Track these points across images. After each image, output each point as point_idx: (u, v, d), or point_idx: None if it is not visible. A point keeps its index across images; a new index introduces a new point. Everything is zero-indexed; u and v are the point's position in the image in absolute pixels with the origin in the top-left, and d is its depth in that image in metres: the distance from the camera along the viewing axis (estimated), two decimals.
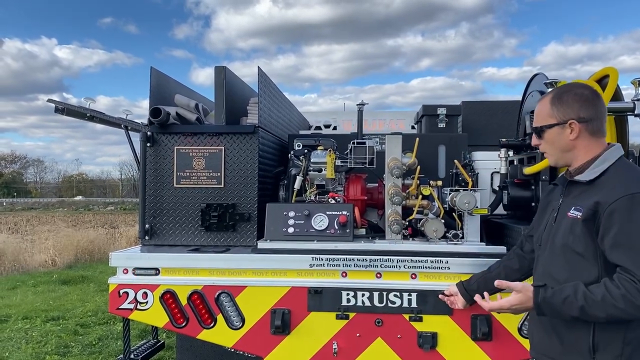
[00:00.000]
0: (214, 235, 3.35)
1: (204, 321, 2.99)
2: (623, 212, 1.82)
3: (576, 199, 1.98)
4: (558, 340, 2.00)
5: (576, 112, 1.93)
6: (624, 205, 1.81)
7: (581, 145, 1.96)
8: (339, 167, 3.32)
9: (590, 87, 2.02)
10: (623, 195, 1.82)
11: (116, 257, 3.10)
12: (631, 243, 1.80)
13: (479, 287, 2.54)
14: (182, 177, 3.37)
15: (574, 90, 1.99)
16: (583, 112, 1.93)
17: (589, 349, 1.88)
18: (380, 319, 2.90)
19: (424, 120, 4.79)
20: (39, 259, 11.85)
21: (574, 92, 1.98)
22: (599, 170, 1.94)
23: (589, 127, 1.94)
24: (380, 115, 6.18)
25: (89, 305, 7.58)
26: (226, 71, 3.56)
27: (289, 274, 2.97)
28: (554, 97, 2.00)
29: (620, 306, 1.77)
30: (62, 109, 3.45)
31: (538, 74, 3.35)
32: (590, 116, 1.94)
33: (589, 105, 1.94)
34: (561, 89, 2.03)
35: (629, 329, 1.84)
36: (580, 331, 1.92)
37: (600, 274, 1.90)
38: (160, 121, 3.32)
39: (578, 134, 1.94)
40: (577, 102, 1.94)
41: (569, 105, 1.94)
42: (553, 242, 2.06)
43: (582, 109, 1.93)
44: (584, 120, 1.93)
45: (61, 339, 5.97)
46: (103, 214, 31.98)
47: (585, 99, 1.95)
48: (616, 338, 1.85)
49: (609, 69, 3.04)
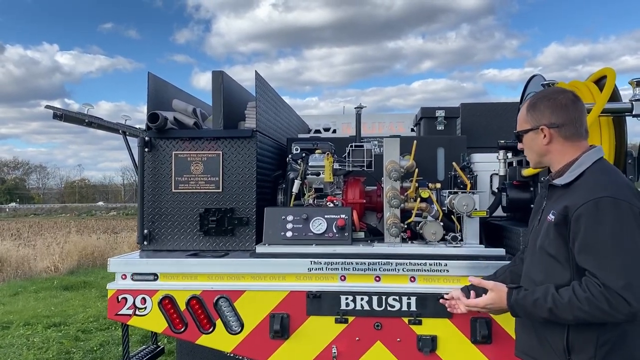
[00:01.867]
0: (213, 240, 3.34)
1: (203, 326, 2.98)
2: (588, 216, 1.83)
3: (555, 202, 2.01)
4: (537, 340, 2.03)
5: (547, 118, 1.97)
6: (589, 210, 1.83)
7: (555, 149, 2.00)
8: (337, 170, 3.31)
9: (569, 92, 2.04)
10: (589, 200, 1.84)
11: (115, 262, 3.09)
12: (596, 248, 1.82)
13: (481, 294, 2.53)
14: (181, 182, 3.37)
15: (548, 96, 2.03)
16: (554, 118, 1.97)
17: (564, 349, 1.90)
18: (380, 323, 2.89)
19: (423, 123, 4.78)
20: (41, 265, 11.87)
21: (547, 99, 2.02)
22: (575, 174, 1.96)
23: (562, 132, 1.98)
24: (380, 117, 6.18)
25: (90, 310, 7.59)
26: (223, 76, 3.56)
27: (288, 278, 2.96)
28: (529, 103, 2.05)
29: (585, 309, 1.80)
30: (61, 115, 3.46)
31: (536, 75, 3.34)
32: (562, 121, 1.97)
33: (560, 111, 1.98)
34: (537, 95, 2.08)
35: (603, 331, 1.85)
36: (556, 332, 1.94)
37: (572, 277, 1.92)
38: (158, 126, 3.32)
39: (550, 139, 1.98)
40: (548, 108, 1.98)
41: (540, 112, 1.99)
42: (534, 244, 2.10)
43: (554, 115, 1.97)
44: (554, 125, 1.97)
45: (62, 345, 5.97)
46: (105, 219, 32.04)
47: (558, 104, 1.98)
48: (590, 340, 1.86)
49: (607, 70, 3.03)
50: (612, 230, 1.79)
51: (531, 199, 3.08)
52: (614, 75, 2.94)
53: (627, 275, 1.75)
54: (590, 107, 2.85)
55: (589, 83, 3.15)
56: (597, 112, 2.81)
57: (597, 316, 1.80)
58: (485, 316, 2.79)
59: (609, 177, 1.90)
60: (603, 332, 1.85)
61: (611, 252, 1.79)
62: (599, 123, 2.94)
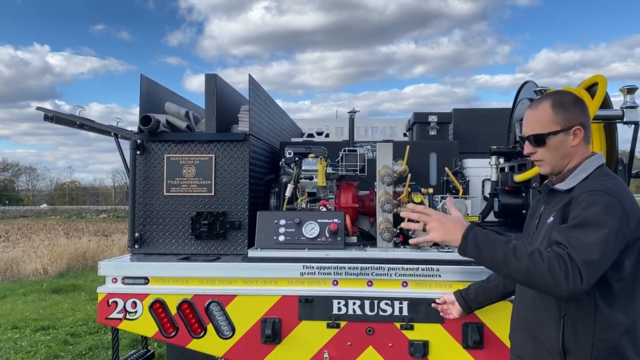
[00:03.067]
0: (204, 244, 3.32)
1: (194, 331, 2.96)
2: (581, 202, 1.83)
3: (555, 206, 1.99)
4: (533, 343, 2.01)
5: (578, 119, 1.92)
6: (584, 197, 1.83)
7: (578, 151, 1.96)
8: (330, 174, 3.31)
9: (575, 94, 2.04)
10: (586, 191, 1.84)
11: (105, 266, 3.07)
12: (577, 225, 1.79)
13: (477, 297, 2.54)
14: (172, 185, 3.35)
15: (574, 97, 1.98)
16: (584, 119, 1.93)
17: (559, 351, 1.88)
18: (372, 328, 2.88)
19: (415, 128, 4.79)
20: (30, 267, 11.74)
21: (574, 99, 1.96)
22: (578, 179, 1.94)
23: (586, 133, 1.96)
24: (372, 122, 6.19)
25: (79, 314, 7.52)
26: (217, 79, 3.55)
27: (280, 282, 2.95)
28: (555, 103, 1.96)
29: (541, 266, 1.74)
30: (52, 117, 3.43)
31: (528, 81, 3.37)
32: (588, 122, 1.96)
33: (586, 111, 1.96)
34: (561, 95, 2.01)
35: (600, 333, 1.85)
36: (551, 333, 1.92)
37: None
38: (150, 129, 3.30)
39: (580, 140, 1.93)
40: (579, 108, 1.94)
41: (572, 111, 1.93)
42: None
43: (584, 115, 1.93)
44: (584, 126, 1.93)
45: (51, 348, 5.90)
46: (95, 222, 31.80)
47: (584, 106, 1.96)
48: (586, 341, 1.85)
49: (598, 77, 3.06)
50: (596, 215, 1.77)
51: (523, 204, 3.10)
52: (605, 83, 2.97)
53: (592, 253, 1.72)
54: None
55: (580, 90, 3.17)
56: None
57: (546, 279, 1.73)
58: (476, 321, 2.80)
59: (610, 180, 1.89)
60: (600, 334, 1.84)
61: (589, 231, 1.76)
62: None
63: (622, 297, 1.85)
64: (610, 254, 1.76)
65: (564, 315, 1.87)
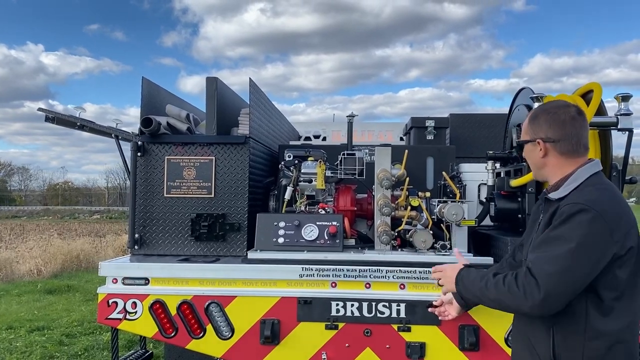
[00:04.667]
0: (204, 245, 3.35)
1: (193, 331, 2.99)
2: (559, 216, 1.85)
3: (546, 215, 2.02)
4: (528, 351, 2.03)
5: (544, 132, 1.96)
6: (567, 211, 1.83)
7: (551, 163, 1.99)
8: (329, 177, 3.35)
9: (572, 107, 2.01)
10: (570, 203, 1.85)
11: (105, 266, 3.09)
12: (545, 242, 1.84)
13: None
14: (173, 187, 3.38)
15: (549, 110, 2.02)
16: (550, 133, 1.95)
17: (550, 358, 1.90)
18: (369, 329, 2.92)
19: (413, 132, 4.85)
20: (24, 268, 11.68)
21: (547, 112, 1.99)
22: (570, 188, 1.95)
23: (557, 148, 1.96)
24: (369, 126, 6.24)
25: (74, 315, 7.50)
26: (217, 82, 3.58)
27: (279, 284, 2.98)
28: (532, 114, 2.04)
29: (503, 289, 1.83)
30: (53, 118, 3.46)
31: (524, 88, 3.42)
32: (559, 137, 1.95)
33: (558, 126, 1.95)
34: (540, 108, 2.07)
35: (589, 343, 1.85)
36: (544, 343, 1.94)
37: None
38: (151, 131, 3.33)
39: (546, 153, 1.98)
40: (546, 122, 1.97)
41: (539, 125, 1.98)
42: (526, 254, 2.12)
43: (551, 129, 1.95)
44: (550, 140, 1.95)
45: (46, 349, 5.89)
46: (89, 223, 31.66)
47: (556, 119, 1.96)
48: (576, 353, 1.86)
49: (593, 84, 3.11)
50: (566, 230, 1.79)
51: (519, 209, 3.14)
52: (601, 90, 3.02)
53: (550, 266, 1.76)
54: None
55: (575, 97, 3.22)
56: None
57: (509, 302, 1.81)
58: (473, 324, 2.84)
59: (597, 191, 1.89)
60: (591, 343, 1.85)
61: (553, 246, 1.79)
62: None
63: (616, 307, 1.85)
64: (578, 268, 1.75)
65: (552, 325, 1.88)
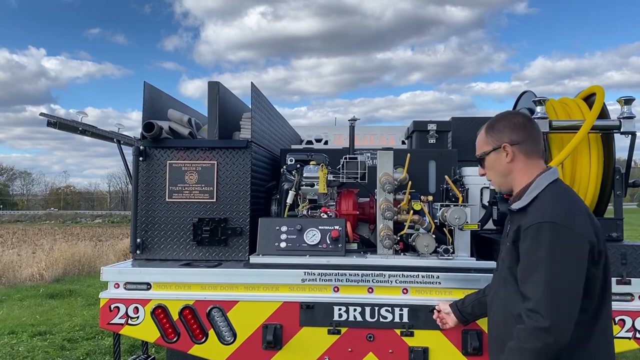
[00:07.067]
0: (206, 250, 3.35)
1: (196, 336, 2.98)
2: (529, 240, 1.88)
3: (514, 225, 2.05)
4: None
5: (508, 136, 2.03)
6: (531, 233, 1.87)
7: (517, 167, 2.04)
8: (331, 181, 3.34)
9: (522, 113, 2.12)
10: (534, 223, 1.88)
11: (107, 271, 3.08)
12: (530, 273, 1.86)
13: (473, 310, 2.55)
14: (175, 192, 3.37)
15: (505, 117, 2.10)
16: (514, 136, 2.02)
17: None
18: (372, 334, 2.91)
19: (415, 136, 4.83)
20: (26, 272, 11.69)
21: (504, 119, 2.08)
22: (529, 198, 1.99)
23: (523, 149, 2.02)
24: (371, 130, 6.24)
25: (76, 319, 7.50)
26: (219, 86, 3.58)
27: (281, 288, 2.97)
28: (488, 126, 2.12)
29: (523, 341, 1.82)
30: (55, 123, 3.46)
31: (526, 91, 3.42)
32: (522, 138, 2.02)
33: (519, 129, 2.02)
34: (494, 119, 2.14)
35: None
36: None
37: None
38: (153, 135, 3.33)
39: (513, 157, 2.03)
40: (507, 127, 2.04)
41: (500, 131, 2.05)
42: (500, 264, 2.18)
43: (513, 132, 2.02)
44: (516, 142, 2.02)
45: (48, 354, 5.90)
46: (91, 227, 31.70)
47: (515, 123, 2.04)
48: None
49: (596, 87, 3.11)
50: (545, 256, 1.82)
51: None
52: (603, 93, 3.02)
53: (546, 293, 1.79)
54: (579, 124, 2.93)
55: (578, 100, 3.22)
56: (587, 129, 2.88)
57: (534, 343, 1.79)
58: (476, 328, 2.83)
59: (557, 201, 1.91)
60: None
61: (535, 273, 1.83)
62: (588, 140, 3.01)
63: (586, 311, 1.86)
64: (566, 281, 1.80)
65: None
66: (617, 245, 2.92)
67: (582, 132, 2.86)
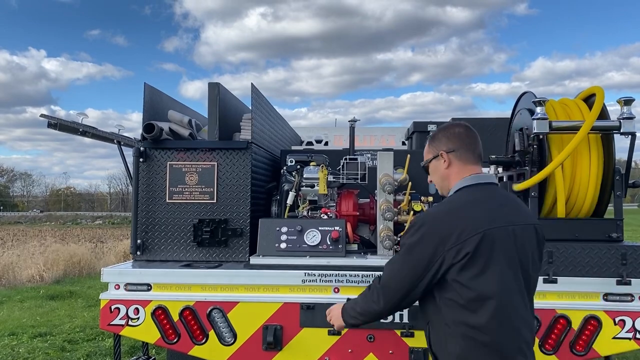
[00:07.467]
0: (206, 251, 3.35)
1: (196, 337, 2.98)
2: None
3: None
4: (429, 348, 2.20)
5: (445, 145, 2.22)
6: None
7: (453, 172, 2.20)
8: (332, 182, 3.35)
9: (462, 124, 2.29)
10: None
11: (108, 272, 3.09)
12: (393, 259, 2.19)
13: None
14: (175, 193, 3.38)
15: (444, 128, 2.29)
16: (450, 144, 2.21)
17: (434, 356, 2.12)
18: (372, 335, 2.91)
19: (415, 137, 4.84)
20: (26, 274, 11.69)
21: (443, 129, 2.28)
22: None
23: (457, 156, 2.19)
24: (371, 131, 6.24)
25: (76, 321, 7.50)
26: (220, 87, 3.59)
27: (282, 289, 2.97)
28: (430, 137, 2.34)
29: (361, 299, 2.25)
30: (55, 124, 3.46)
31: (527, 92, 3.42)
32: (457, 146, 2.20)
33: (455, 138, 2.21)
34: (436, 130, 2.33)
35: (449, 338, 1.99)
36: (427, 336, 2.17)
37: None
38: (153, 137, 3.33)
39: (449, 163, 2.20)
40: (444, 137, 2.24)
41: (439, 140, 2.26)
42: None
43: (450, 141, 2.21)
44: (451, 150, 2.20)
45: (48, 355, 5.89)
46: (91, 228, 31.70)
47: (452, 133, 2.23)
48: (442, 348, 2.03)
49: (596, 88, 3.11)
50: (403, 240, 2.12)
51: None
52: (603, 94, 3.01)
53: (390, 268, 2.14)
54: (579, 125, 2.93)
55: (578, 101, 3.23)
56: (587, 130, 2.88)
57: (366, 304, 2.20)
58: None
59: (442, 204, 2.15)
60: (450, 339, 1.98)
61: (395, 258, 2.15)
62: (588, 140, 3.01)
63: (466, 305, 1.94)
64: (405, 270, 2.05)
65: (428, 322, 2.14)
66: (617, 245, 2.93)
67: (582, 132, 2.86)
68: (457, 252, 1.92)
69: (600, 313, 2.89)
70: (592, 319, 2.88)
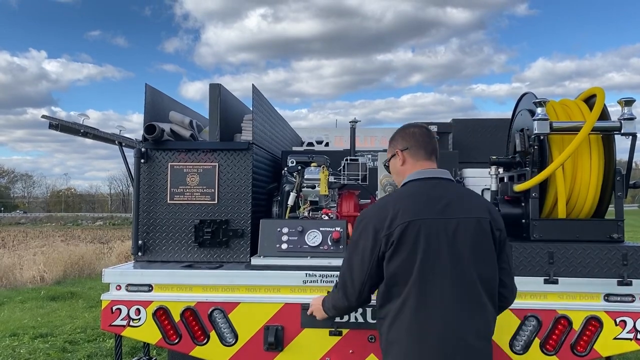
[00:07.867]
0: (207, 252, 3.35)
1: (197, 338, 2.98)
2: None
3: None
4: None
5: (400, 144, 2.39)
6: None
7: (408, 169, 2.36)
8: (332, 183, 3.35)
9: (419, 126, 2.46)
10: None
11: (109, 273, 3.09)
12: None
13: None
14: (176, 193, 3.38)
15: (402, 129, 2.45)
16: (405, 143, 2.38)
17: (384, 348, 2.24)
18: (374, 335, 2.91)
19: None
20: (27, 275, 11.70)
21: (401, 130, 2.44)
22: None
23: (409, 153, 2.36)
24: (372, 131, 6.24)
25: (77, 321, 7.50)
26: (221, 88, 3.59)
27: (283, 290, 2.98)
28: (390, 138, 2.49)
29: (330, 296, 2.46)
30: (57, 125, 3.47)
31: (527, 93, 3.42)
32: (410, 145, 2.36)
33: (409, 137, 2.38)
34: (396, 131, 2.47)
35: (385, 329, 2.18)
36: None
37: None
38: (154, 138, 3.34)
39: (404, 161, 2.37)
40: (400, 137, 2.42)
41: (395, 140, 2.43)
42: None
43: (404, 140, 2.38)
44: (405, 148, 2.37)
45: (49, 356, 5.89)
46: (92, 229, 31.73)
47: (407, 133, 2.40)
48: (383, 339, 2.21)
49: (596, 89, 3.11)
50: (350, 241, 2.32)
51: (522, 214, 3.14)
52: (604, 95, 3.02)
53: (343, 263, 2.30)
54: (579, 126, 2.93)
55: (578, 101, 3.23)
56: (587, 131, 2.89)
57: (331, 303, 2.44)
58: None
59: (380, 200, 2.38)
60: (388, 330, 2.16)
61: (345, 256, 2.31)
62: (588, 141, 3.02)
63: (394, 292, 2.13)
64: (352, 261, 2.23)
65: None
66: (618, 246, 2.93)
67: (583, 133, 2.87)
68: (387, 239, 2.10)
69: (601, 314, 2.89)
70: (593, 319, 2.88)
